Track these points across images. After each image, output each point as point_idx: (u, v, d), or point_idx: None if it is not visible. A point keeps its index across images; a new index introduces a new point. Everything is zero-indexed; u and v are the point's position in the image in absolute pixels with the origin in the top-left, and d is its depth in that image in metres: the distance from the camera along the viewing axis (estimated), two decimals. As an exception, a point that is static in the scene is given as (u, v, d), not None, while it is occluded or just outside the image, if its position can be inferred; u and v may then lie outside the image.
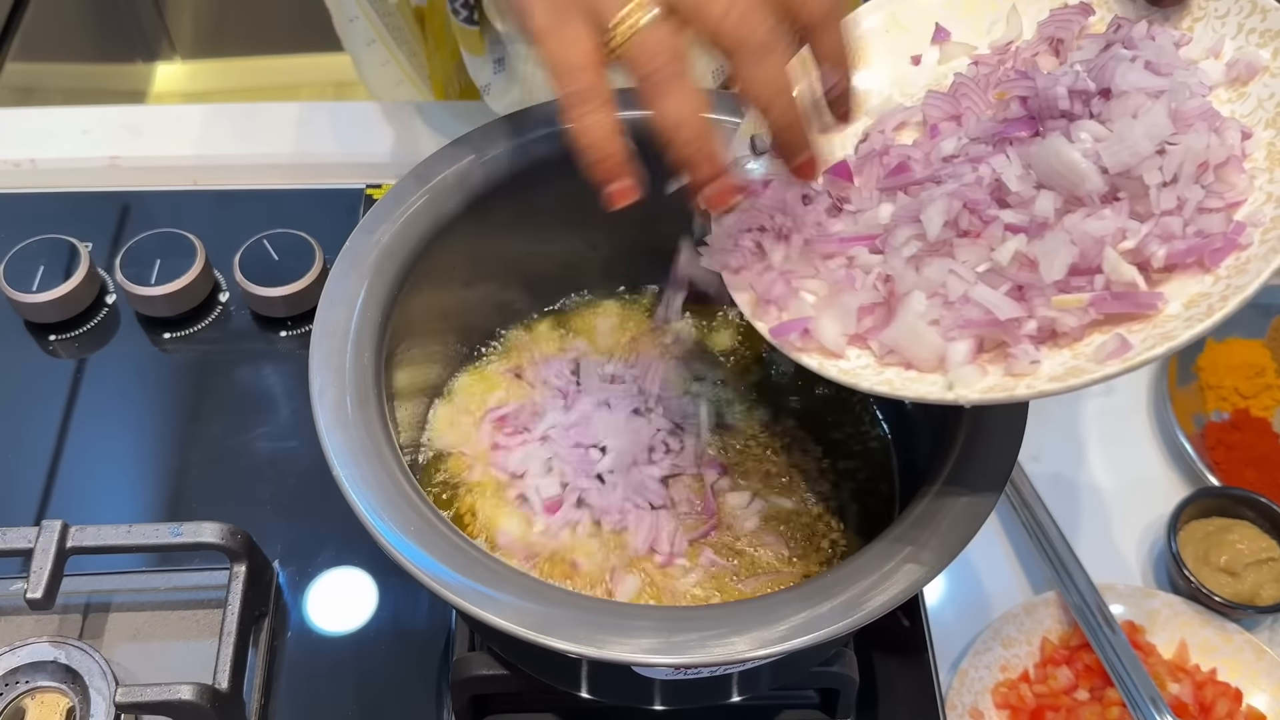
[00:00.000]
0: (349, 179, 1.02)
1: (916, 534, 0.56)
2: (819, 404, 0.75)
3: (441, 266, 0.68)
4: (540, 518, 0.68)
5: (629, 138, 0.51)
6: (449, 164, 0.67)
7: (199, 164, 1.04)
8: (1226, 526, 0.83)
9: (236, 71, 2.21)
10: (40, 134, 1.05)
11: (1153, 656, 0.79)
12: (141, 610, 0.78)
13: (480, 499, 0.70)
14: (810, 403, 0.75)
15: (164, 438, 0.88)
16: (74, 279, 0.91)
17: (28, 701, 0.72)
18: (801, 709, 0.73)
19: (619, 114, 0.51)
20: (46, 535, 0.72)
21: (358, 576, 0.81)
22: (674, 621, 0.53)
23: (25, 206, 1.01)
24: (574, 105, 0.51)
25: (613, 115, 0.51)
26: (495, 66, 0.89)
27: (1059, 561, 0.81)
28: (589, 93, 0.50)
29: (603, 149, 0.51)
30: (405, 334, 0.66)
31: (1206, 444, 0.88)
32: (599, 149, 0.51)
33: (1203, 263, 0.50)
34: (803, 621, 0.53)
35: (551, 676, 0.66)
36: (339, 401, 0.59)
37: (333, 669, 0.77)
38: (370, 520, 0.55)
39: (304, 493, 0.84)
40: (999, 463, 0.58)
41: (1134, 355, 0.48)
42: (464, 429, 0.73)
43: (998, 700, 0.77)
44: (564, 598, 0.55)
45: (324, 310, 0.62)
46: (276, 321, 0.93)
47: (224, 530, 0.74)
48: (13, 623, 0.78)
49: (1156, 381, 0.92)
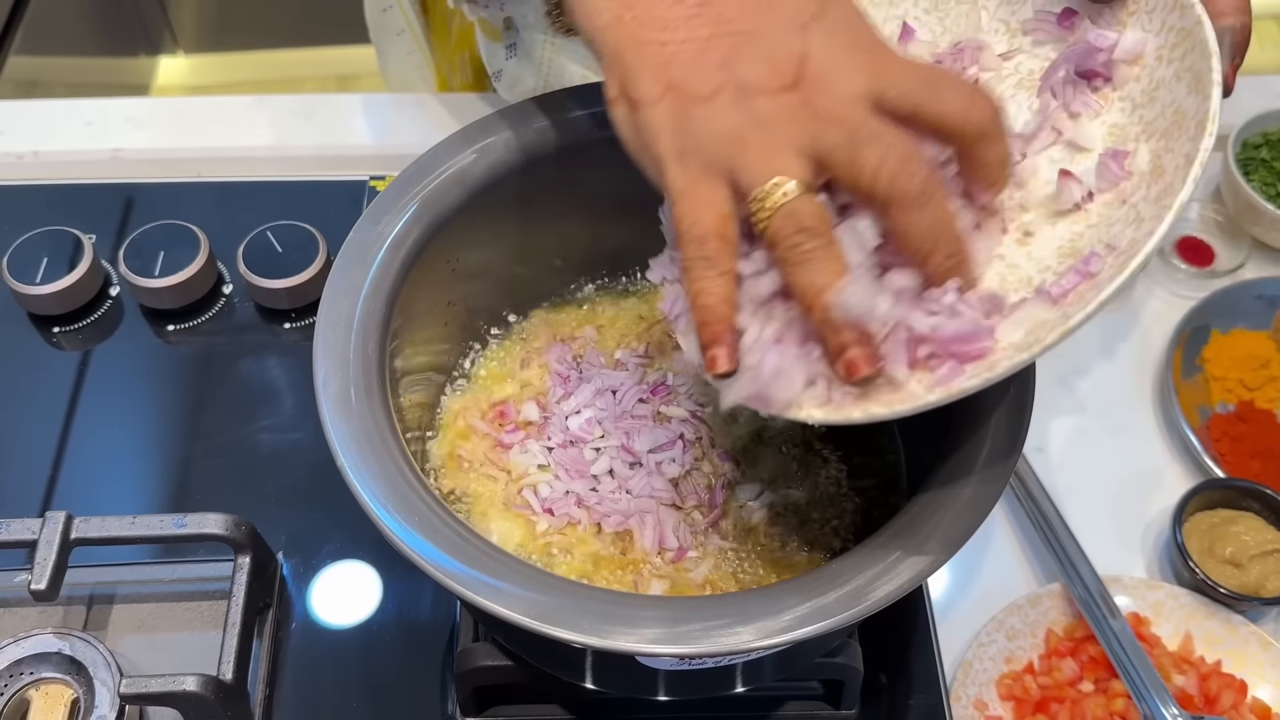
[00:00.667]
0: (353, 171, 1.02)
1: (921, 525, 0.56)
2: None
3: (446, 257, 0.68)
4: (542, 518, 0.68)
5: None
6: (453, 154, 0.67)
7: (202, 156, 1.04)
8: (1231, 518, 0.82)
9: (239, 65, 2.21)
10: (43, 126, 1.05)
11: (1157, 648, 0.78)
12: (146, 602, 0.79)
13: (480, 498, 0.70)
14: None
15: (168, 430, 0.88)
16: (77, 271, 0.91)
17: (32, 693, 0.72)
18: (806, 700, 0.73)
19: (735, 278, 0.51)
20: (50, 526, 0.72)
21: (362, 568, 0.81)
22: (679, 612, 0.53)
23: (28, 199, 1.01)
24: (698, 269, 0.51)
25: (732, 284, 0.51)
26: (508, 52, 0.89)
27: (1064, 553, 0.81)
28: (716, 260, 0.50)
29: (716, 314, 0.51)
30: (410, 324, 0.66)
31: (1211, 436, 0.88)
32: (713, 313, 0.51)
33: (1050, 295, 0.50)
34: (807, 612, 0.53)
35: (556, 667, 0.66)
36: (343, 392, 0.59)
37: (337, 660, 0.77)
38: (375, 510, 0.55)
39: (308, 484, 0.84)
40: (1003, 454, 0.58)
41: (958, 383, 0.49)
42: (468, 421, 0.73)
43: (1002, 692, 0.77)
44: (569, 588, 0.54)
45: (328, 301, 0.62)
46: (280, 313, 0.93)
47: (228, 521, 0.74)
48: (17, 614, 0.78)
49: (1161, 373, 0.92)
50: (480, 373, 0.75)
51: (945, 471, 0.58)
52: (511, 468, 0.70)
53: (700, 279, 0.51)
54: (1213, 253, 1.00)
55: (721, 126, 0.50)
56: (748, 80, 0.49)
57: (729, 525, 0.68)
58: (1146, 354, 0.94)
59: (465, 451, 0.71)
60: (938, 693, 0.76)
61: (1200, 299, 0.94)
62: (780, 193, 0.49)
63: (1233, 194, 0.99)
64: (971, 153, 0.51)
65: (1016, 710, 0.76)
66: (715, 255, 0.50)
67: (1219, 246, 1.00)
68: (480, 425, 0.72)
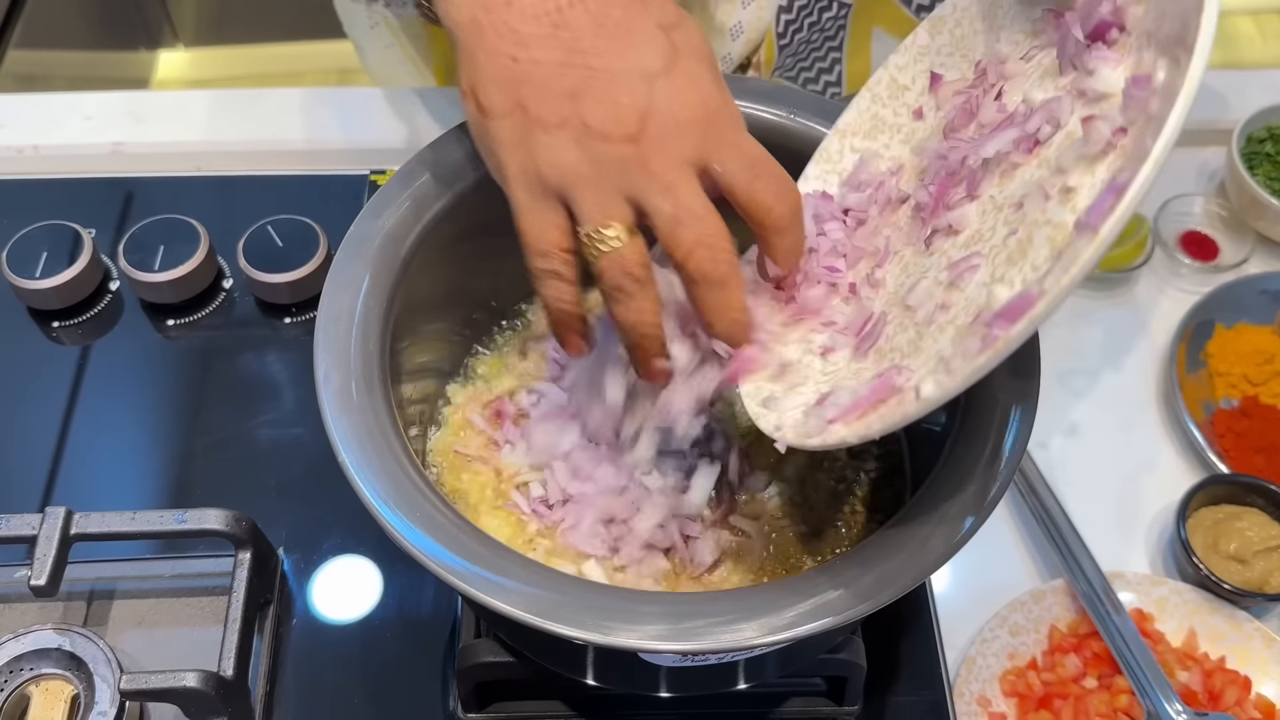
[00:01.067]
0: (353, 165, 1.02)
1: (925, 521, 0.56)
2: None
3: (447, 251, 0.67)
4: (532, 519, 0.68)
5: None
6: (455, 148, 0.66)
7: (202, 150, 1.03)
8: (1236, 514, 0.82)
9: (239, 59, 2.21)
10: (43, 120, 1.05)
11: (1161, 644, 0.78)
12: (146, 597, 0.78)
13: (470, 494, 0.69)
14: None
15: (168, 425, 0.88)
16: (77, 265, 0.91)
17: (32, 689, 0.72)
18: (808, 696, 0.73)
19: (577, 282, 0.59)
20: (50, 522, 0.72)
21: (363, 564, 0.81)
22: (682, 608, 0.53)
23: (28, 193, 1.01)
24: (543, 278, 0.58)
25: (574, 286, 0.58)
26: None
27: (1067, 549, 0.81)
28: (562, 271, 0.58)
29: (564, 313, 0.59)
30: (411, 319, 0.66)
31: (1215, 431, 0.88)
32: (561, 313, 0.59)
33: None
34: (811, 608, 0.53)
35: (558, 664, 0.66)
36: (344, 387, 0.58)
37: (338, 656, 0.77)
38: (376, 506, 0.55)
39: (309, 480, 0.84)
40: (1008, 450, 0.58)
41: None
42: (466, 416, 0.72)
43: (1005, 688, 0.77)
44: (571, 584, 0.54)
45: (328, 295, 0.62)
46: (281, 308, 0.93)
47: (229, 517, 0.74)
48: (17, 610, 0.77)
49: (1165, 369, 0.91)
50: (480, 368, 0.75)
51: (949, 467, 0.58)
52: (503, 467, 0.70)
53: (549, 287, 0.58)
54: (1217, 247, 0.99)
55: (562, 159, 0.55)
56: (591, 122, 0.54)
57: (736, 518, 0.68)
58: (1150, 349, 0.94)
59: (462, 447, 0.71)
60: (941, 689, 0.76)
61: (1204, 294, 0.94)
62: (612, 236, 0.55)
63: (1237, 188, 0.99)
64: (768, 238, 0.58)
65: (1020, 706, 0.76)
66: (560, 268, 0.57)
67: (1223, 241, 1.00)
68: (478, 421, 0.72)
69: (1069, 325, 0.95)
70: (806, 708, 0.73)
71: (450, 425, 0.72)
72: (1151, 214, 0.99)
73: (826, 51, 1.00)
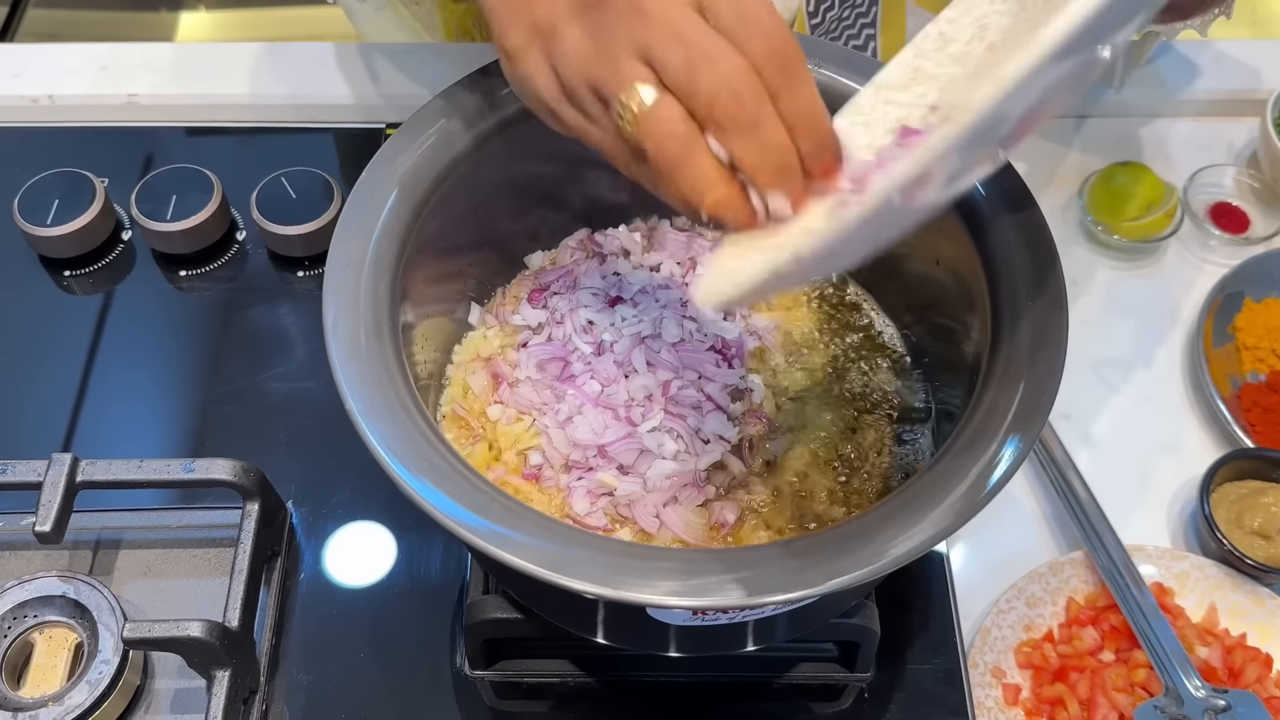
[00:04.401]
0: (369, 119, 1.01)
1: (942, 485, 0.55)
2: (856, 349, 0.73)
3: (459, 198, 0.66)
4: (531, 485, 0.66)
5: None
6: (472, 93, 0.65)
7: (217, 102, 1.02)
8: (1261, 489, 0.80)
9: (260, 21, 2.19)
10: (59, 70, 1.04)
11: (1181, 619, 0.77)
12: (153, 547, 0.78)
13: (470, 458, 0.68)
14: (848, 349, 0.73)
15: (179, 376, 0.87)
16: (89, 213, 0.90)
17: (36, 636, 0.72)
18: (819, 662, 0.72)
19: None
20: (56, 468, 0.71)
21: (372, 520, 0.80)
22: (695, 564, 0.52)
23: (43, 142, 1.00)
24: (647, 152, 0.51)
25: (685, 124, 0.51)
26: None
27: (1087, 521, 0.79)
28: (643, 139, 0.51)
29: (676, 157, 0.51)
30: (422, 267, 0.65)
31: (1242, 405, 0.86)
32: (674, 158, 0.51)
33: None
34: (825, 567, 0.51)
35: (567, 620, 0.65)
36: (353, 334, 0.57)
37: (345, 611, 0.76)
38: (384, 456, 0.54)
39: (319, 434, 0.83)
40: (1029, 418, 0.57)
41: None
42: (465, 376, 0.71)
43: (1020, 660, 0.75)
44: (582, 538, 0.53)
45: (339, 241, 0.61)
46: (294, 261, 0.92)
47: (236, 467, 0.73)
48: (22, 557, 0.77)
49: (1192, 341, 0.90)
50: (487, 319, 0.73)
51: (970, 430, 0.57)
52: (501, 434, 0.68)
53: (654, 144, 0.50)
54: (1247, 219, 0.97)
55: (575, 51, 0.52)
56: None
57: (760, 481, 0.67)
58: (1177, 321, 0.92)
59: (462, 409, 0.70)
60: (955, 659, 0.75)
61: (1233, 266, 0.92)
62: (634, 101, 0.50)
63: (1269, 159, 0.96)
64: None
65: (1035, 678, 0.75)
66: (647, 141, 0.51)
67: (1254, 213, 0.98)
68: (475, 382, 0.70)
69: (1094, 295, 0.93)
70: (817, 673, 0.72)
71: (457, 383, 0.71)
72: (1181, 184, 0.96)
73: (860, 28, 0.98)
